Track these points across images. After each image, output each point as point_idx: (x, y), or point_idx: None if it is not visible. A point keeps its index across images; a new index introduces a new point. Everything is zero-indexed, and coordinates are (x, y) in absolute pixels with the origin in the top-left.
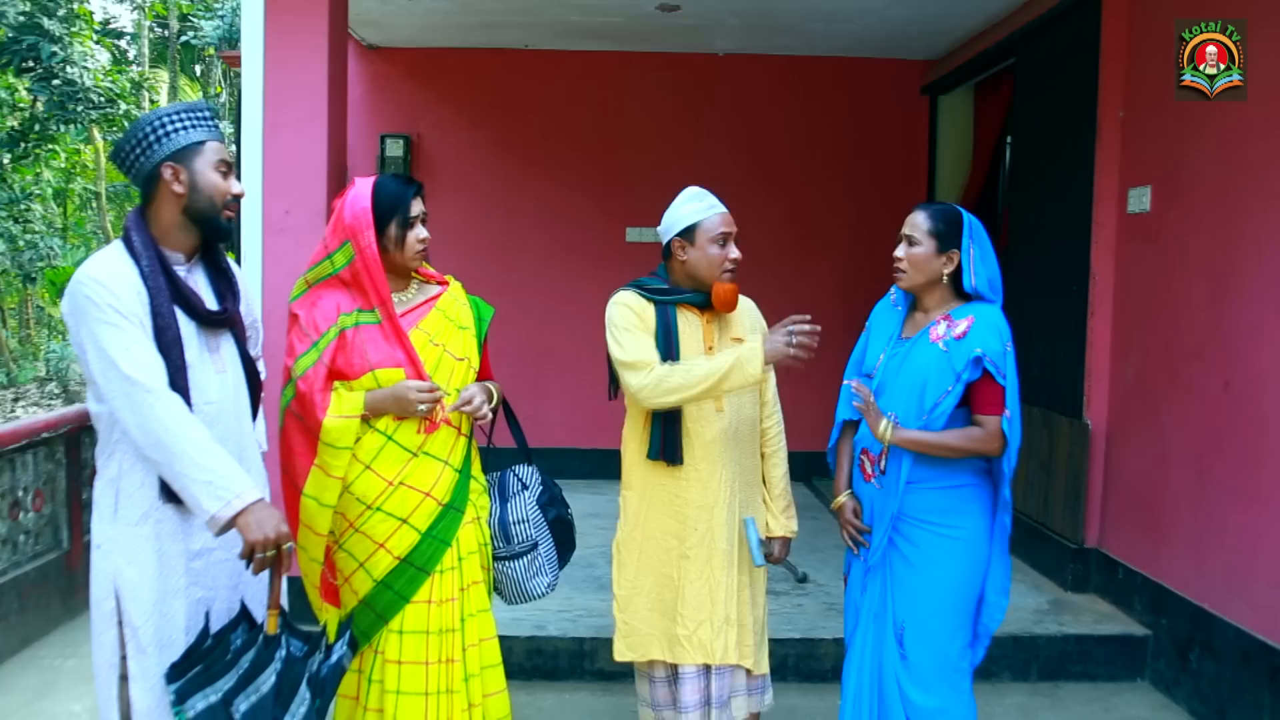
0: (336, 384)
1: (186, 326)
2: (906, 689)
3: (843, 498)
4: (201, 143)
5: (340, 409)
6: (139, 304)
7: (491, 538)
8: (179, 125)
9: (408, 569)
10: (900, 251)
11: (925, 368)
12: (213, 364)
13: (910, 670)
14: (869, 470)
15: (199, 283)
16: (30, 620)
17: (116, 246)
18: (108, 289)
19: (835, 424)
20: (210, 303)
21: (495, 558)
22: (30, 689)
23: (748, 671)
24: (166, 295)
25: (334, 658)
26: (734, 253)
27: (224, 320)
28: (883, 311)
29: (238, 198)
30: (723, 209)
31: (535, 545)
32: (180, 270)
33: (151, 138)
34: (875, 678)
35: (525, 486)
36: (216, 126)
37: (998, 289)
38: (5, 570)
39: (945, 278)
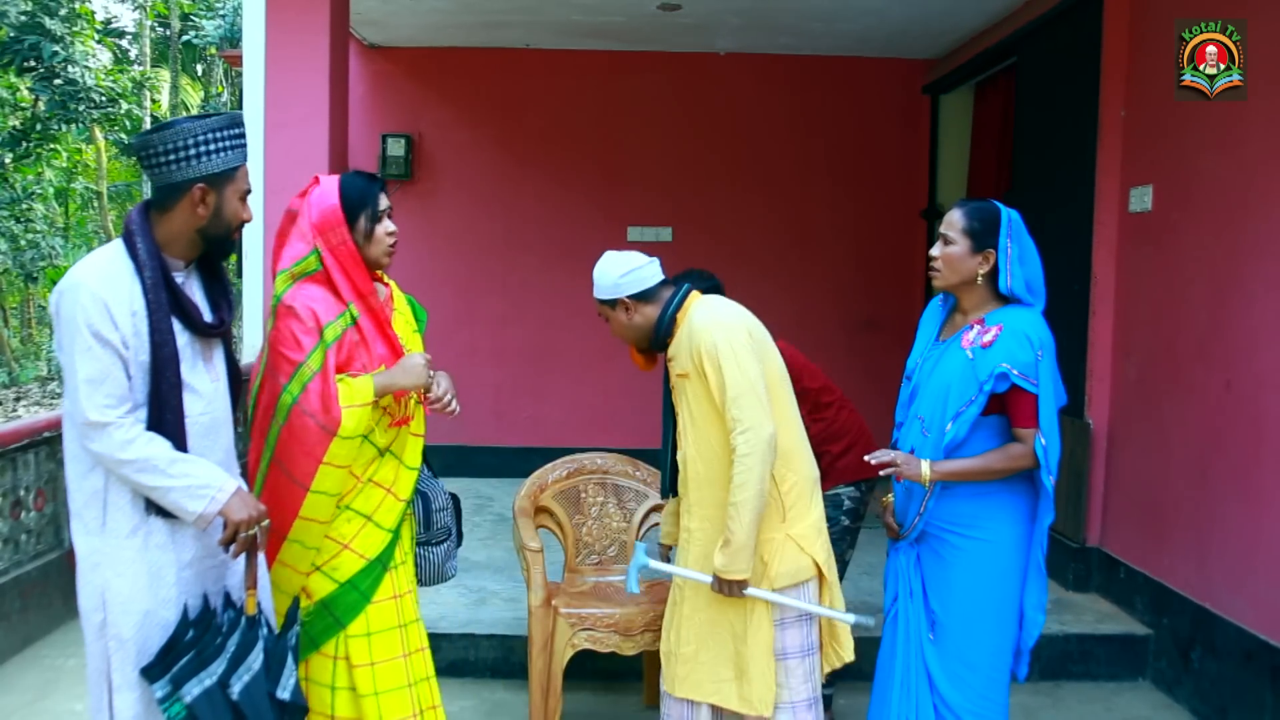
0: (339, 375)
1: (182, 337)
2: (934, 672)
3: (889, 497)
4: (235, 169)
5: (351, 398)
6: (130, 320)
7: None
8: (220, 146)
9: (376, 568)
10: (935, 250)
11: (951, 373)
12: (207, 374)
13: (942, 660)
14: None
15: (195, 291)
16: (32, 619)
17: (117, 250)
18: (98, 306)
19: (895, 423)
20: (206, 313)
21: (417, 543)
22: (32, 688)
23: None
24: (166, 310)
25: (290, 639)
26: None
27: (220, 332)
28: (930, 311)
29: (246, 223)
30: None
31: (450, 531)
32: (178, 278)
33: (190, 152)
34: (907, 652)
35: (435, 474)
36: (246, 144)
37: (1038, 291)
38: (7, 569)
39: (981, 278)
